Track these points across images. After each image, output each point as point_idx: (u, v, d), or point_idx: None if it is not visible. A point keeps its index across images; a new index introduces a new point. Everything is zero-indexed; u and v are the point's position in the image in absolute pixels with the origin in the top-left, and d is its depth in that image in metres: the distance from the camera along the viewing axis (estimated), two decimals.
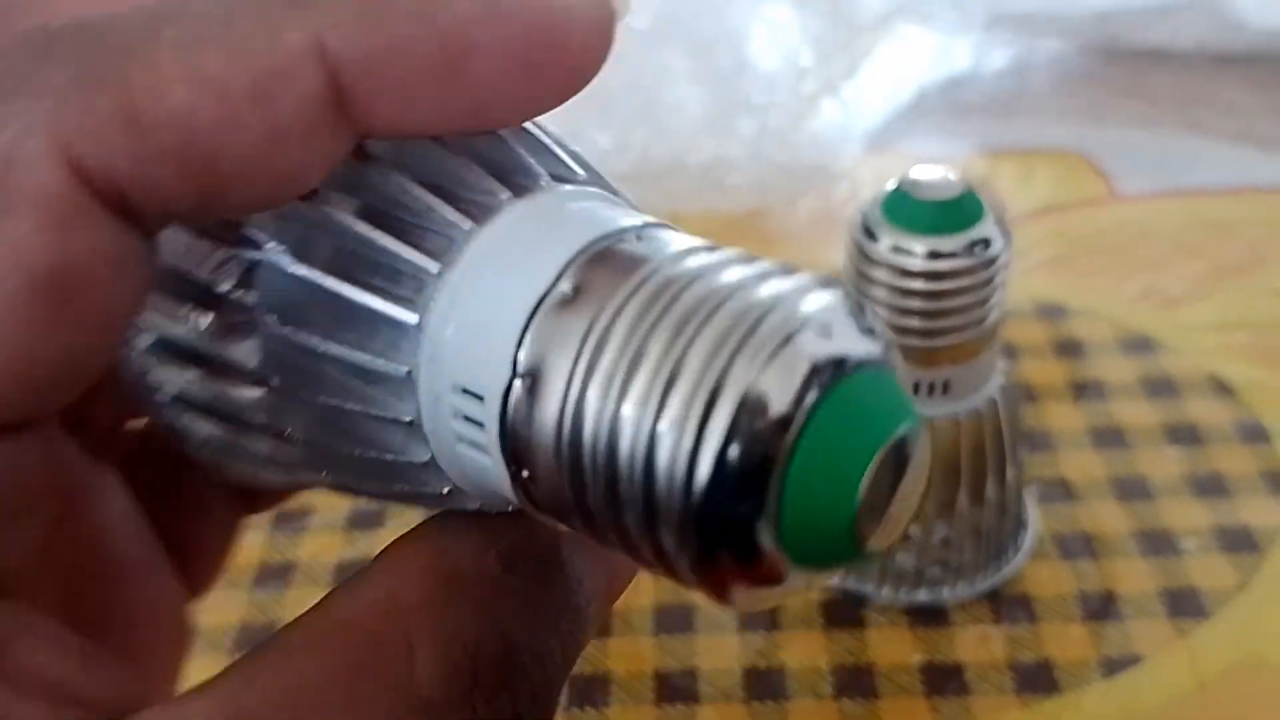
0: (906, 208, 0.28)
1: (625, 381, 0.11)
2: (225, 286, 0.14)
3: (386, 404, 0.13)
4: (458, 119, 0.12)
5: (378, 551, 0.13)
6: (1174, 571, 0.32)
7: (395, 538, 0.14)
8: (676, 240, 0.13)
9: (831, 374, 0.11)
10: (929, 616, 0.31)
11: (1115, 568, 0.32)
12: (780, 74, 0.41)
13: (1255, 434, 0.36)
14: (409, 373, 0.13)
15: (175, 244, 0.14)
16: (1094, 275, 0.43)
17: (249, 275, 0.14)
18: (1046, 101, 0.55)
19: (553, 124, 0.15)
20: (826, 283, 0.12)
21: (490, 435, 0.12)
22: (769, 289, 0.12)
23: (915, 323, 0.28)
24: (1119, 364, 0.39)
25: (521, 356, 0.12)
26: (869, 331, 0.12)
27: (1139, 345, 0.40)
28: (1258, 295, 0.42)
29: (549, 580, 0.14)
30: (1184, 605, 0.31)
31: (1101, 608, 0.31)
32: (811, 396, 0.11)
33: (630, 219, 0.13)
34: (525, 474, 0.12)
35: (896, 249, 0.27)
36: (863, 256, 0.28)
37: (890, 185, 0.29)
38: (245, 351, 0.14)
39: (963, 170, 0.29)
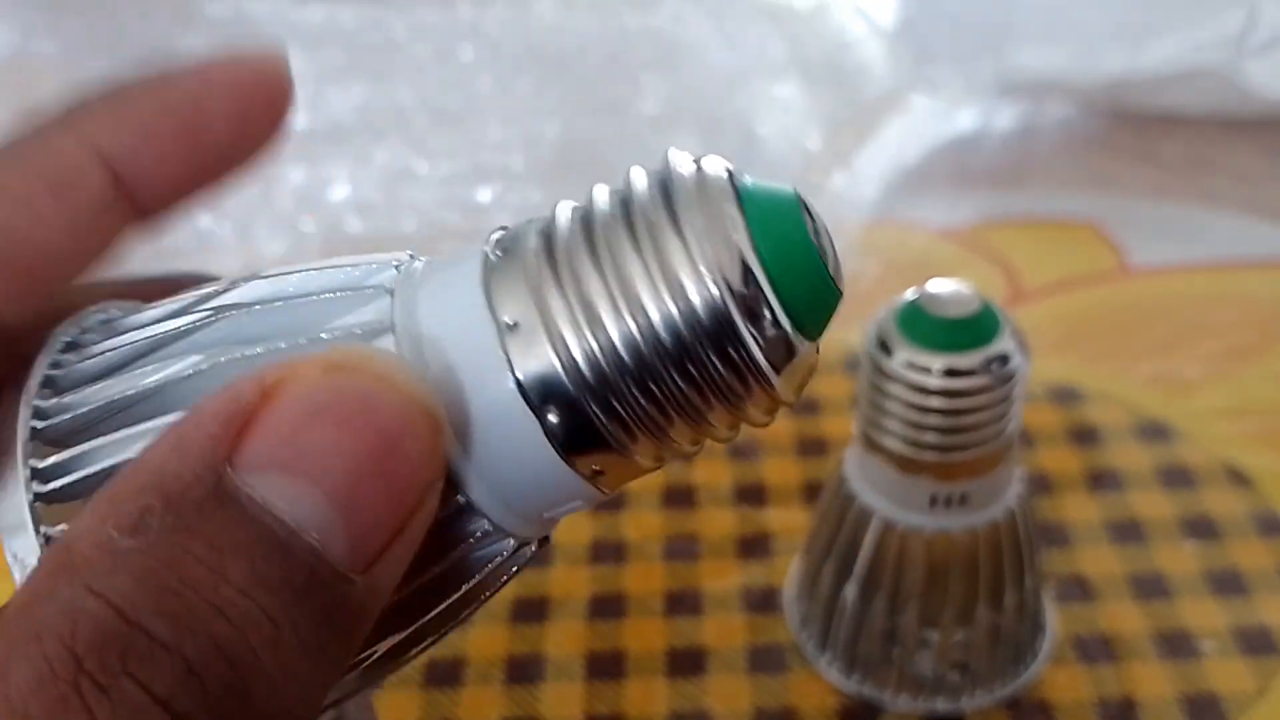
0: (923, 323, 0.27)
1: (615, 275, 0.13)
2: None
3: None
4: (210, 173, 0.16)
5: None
6: (1193, 676, 0.31)
7: None
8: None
9: (736, 187, 0.13)
10: None
11: (1134, 672, 0.32)
12: (789, 154, 0.41)
13: (1273, 526, 0.36)
14: None
15: None
16: (1107, 356, 0.42)
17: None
18: (1055, 168, 0.55)
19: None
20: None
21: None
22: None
23: (932, 438, 0.27)
24: (1135, 452, 0.38)
25: (504, 317, 0.13)
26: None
27: (1154, 432, 0.39)
28: (1269, 378, 0.41)
29: (208, 523, 0.11)
30: (1204, 713, 0.30)
31: (1121, 716, 0.31)
32: (737, 208, 0.13)
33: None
34: (588, 403, 0.13)
35: (913, 365, 0.27)
36: (877, 371, 0.28)
37: (906, 297, 0.28)
38: None
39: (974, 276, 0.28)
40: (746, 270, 0.13)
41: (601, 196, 0.14)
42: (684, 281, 0.12)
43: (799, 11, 0.45)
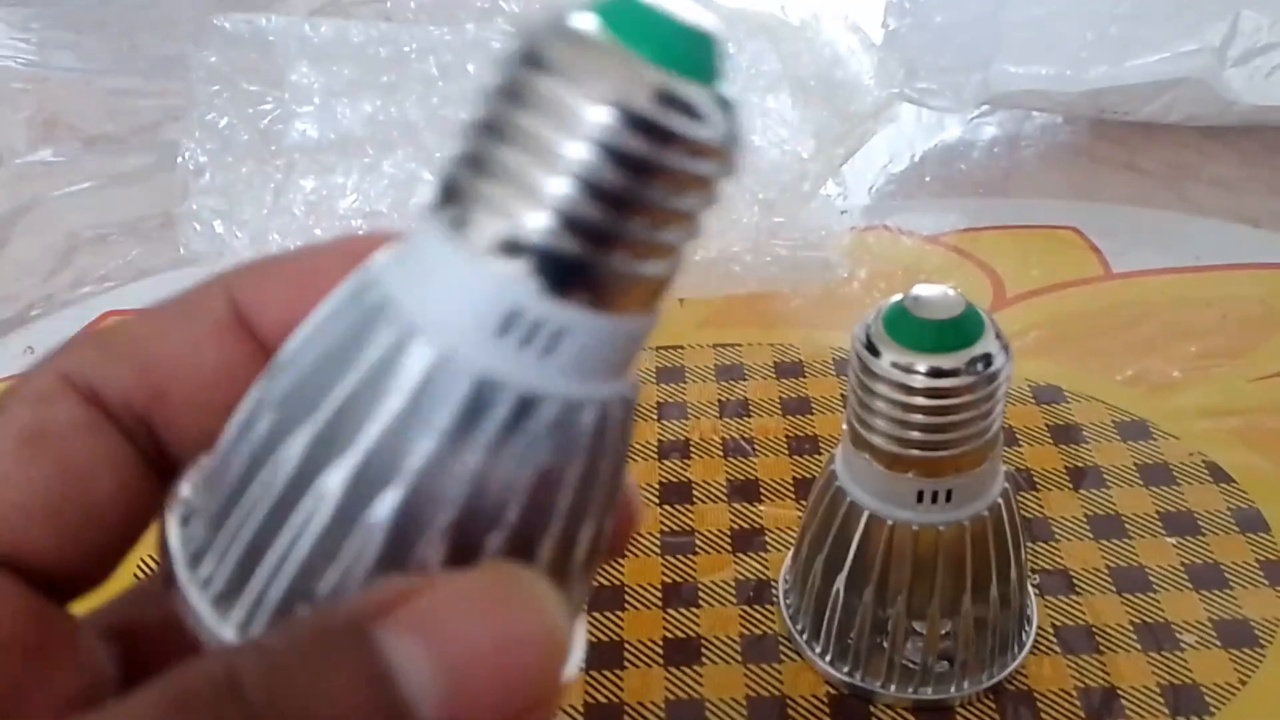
0: (909, 325, 0.28)
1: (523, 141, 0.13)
2: None
3: None
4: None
5: None
6: (1174, 667, 0.33)
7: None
8: None
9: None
10: (934, 714, 0.32)
11: (1116, 662, 0.33)
12: (782, 164, 0.42)
13: (1252, 522, 0.37)
14: None
15: None
16: (1089, 358, 0.44)
17: None
18: (1039, 175, 0.56)
19: None
20: None
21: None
22: None
23: (918, 435, 0.29)
24: (1116, 450, 0.40)
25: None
26: None
27: (1135, 430, 0.40)
28: (1247, 379, 0.42)
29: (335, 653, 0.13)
30: (1185, 703, 0.32)
31: (1103, 705, 0.32)
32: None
33: None
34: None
35: (899, 366, 0.28)
36: (866, 370, 0.29)
37: (892, 300, 0.29)
38: None
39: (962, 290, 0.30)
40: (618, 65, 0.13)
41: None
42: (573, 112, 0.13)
43: (793, 27, 0.46)
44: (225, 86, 0.43)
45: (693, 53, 0.13)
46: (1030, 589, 0.34)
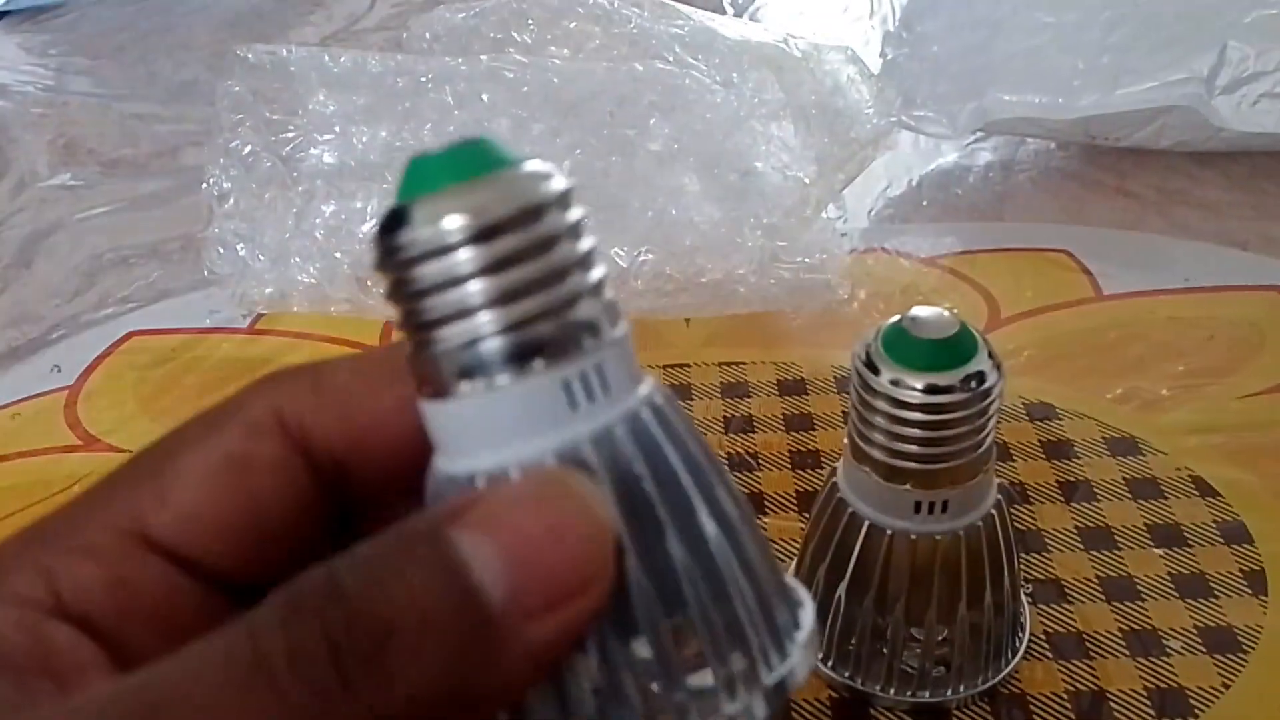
0: (905, 344, 0.30)
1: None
2: None
3: None
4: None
5: None
6: (1161, 672, 0.34)
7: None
8: None
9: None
10: (932, 716, 0.33)
11: (1105, 668, 0.34)
12: (784, 189, 0.44)
13: (1236, 534, 0.38)
14: None
15: None
16: (1081, 376, 0.45)
17: None
18: (1033, 200, 0.58)
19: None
20: None
21: None
22: None
23: (915, 449, 0.30)
24: (1106, 465, 0.41)
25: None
26: None
27: (1125, 446, 0.42)
28: (1234, 397, 0.44)
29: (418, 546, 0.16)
30: (1171, 706, 0.33)
31: (1092, 707, 0.33)
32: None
33: None
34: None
35: (896, 383, 0.30)
36: (865, 386, 0.31)
37: (891, 321, 0.31)
38: None
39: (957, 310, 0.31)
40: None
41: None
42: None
43: (795, 58, 0.48)
44: (248, 115, 0.45)
45: (474, 157, 0.16)
46: (1024, 597, 0.36)
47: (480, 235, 0.16)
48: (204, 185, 0.45)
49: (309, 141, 0.45)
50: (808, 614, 0.18)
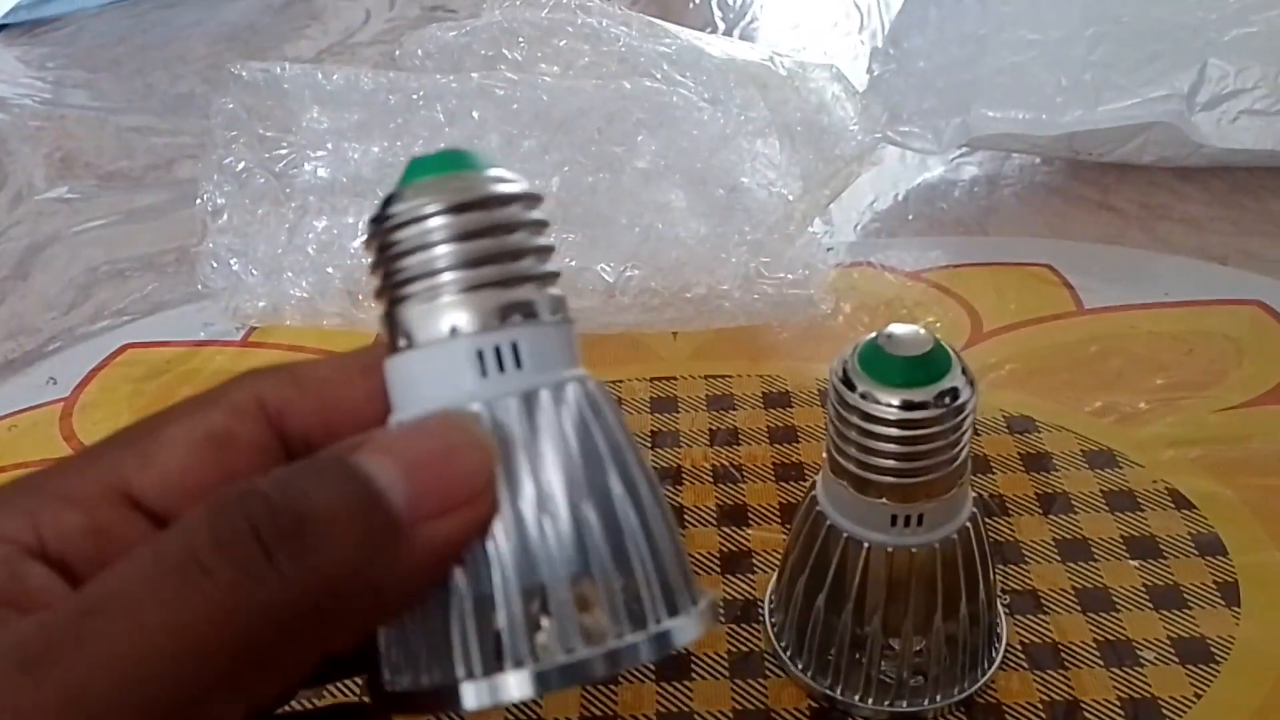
0: (880, 361, 0.31)
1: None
2: None
3: None
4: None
5: None
6: (1135, 682, 0.35)
7: None
8: None
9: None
10: None
11: (1080, 677, 0.35)
12: (769, 205, 0.44)
13: (1211, 546, 0.39)
14: None
15: None
16: (1061, 390, 0.46)
17: None
18: (1017, 215, 0.59)
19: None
20: None
21: None
22: None
23: (891, 464, 0.31)
24: (1084, 477, 0.42)
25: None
26: None
27: (1103, 459, 0.43)
28: (1211, 411, 0.45)
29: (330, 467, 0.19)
30: (1144, 716, 0.34)
31: (1067, 717, 0.34)
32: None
33: None
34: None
35: (872, 399, 0.31)
36: (842, 402, 0.31)
37: (866, 338, 0.32)
38: None
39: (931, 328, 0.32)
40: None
41: None
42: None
43: (781, 76, 0.49)
44: (242, 132, 0.46)
45: (460, 159, 0.20)
46: (1000, 608, 0.36)
47: (442, 211, 0.19)
48: (198, 201, 0.46)
49: (302, 158, 0.46)
50: (706, 600, 0.20)
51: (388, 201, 0.19)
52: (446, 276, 0.19)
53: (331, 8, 0.87)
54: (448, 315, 0.19)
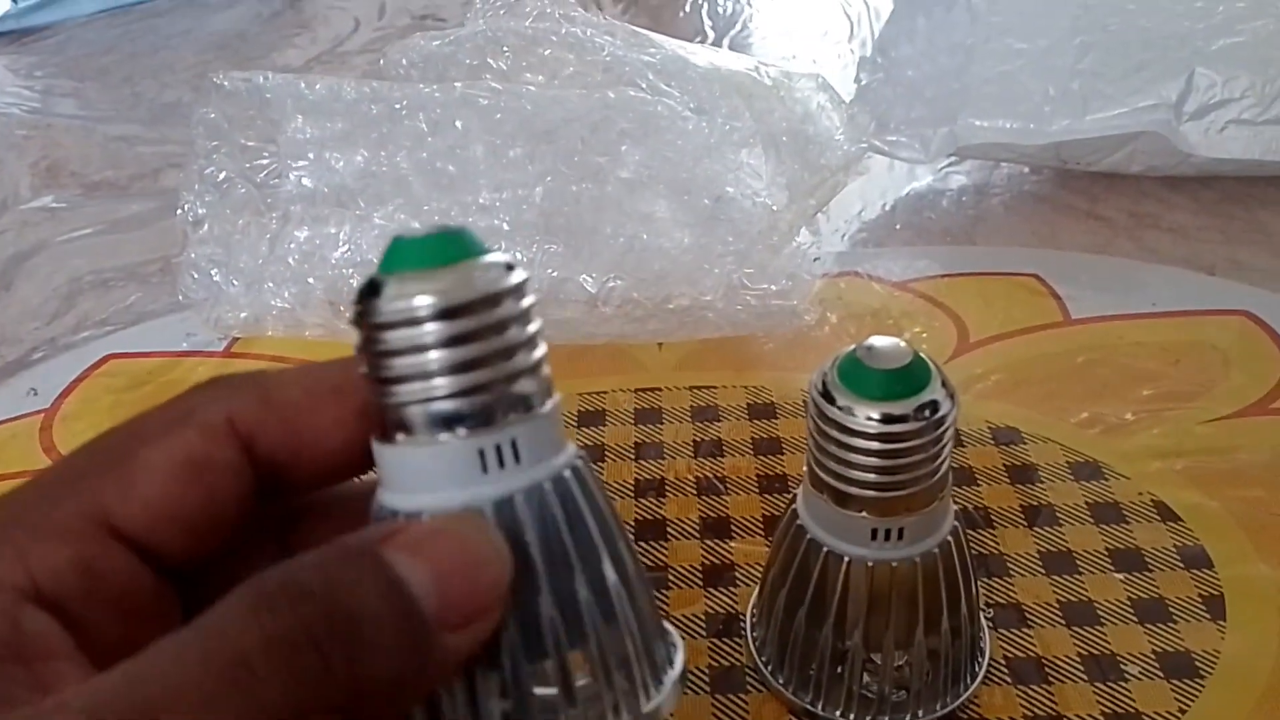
0: (860, 374, 0.30)
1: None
2: None
3: None
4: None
5: None
6: (1119, 696, 0.34)
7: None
8: None
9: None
10: None
11: (1064, 692, 0.35)
12: (754, 216, 0.44)
13: (1196, 559, 0.39)
14: None
15: None
16: (1047, 400, 0.46)
17: None
18: (1004, 224, 0.58)
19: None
20: None
21: None
22: None
23: (872, 477, 0.31)
24: (1069, 489, 0.42)
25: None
26: None
27: (1088, 471, 0.42)
28: (1197, 423, 0.45)
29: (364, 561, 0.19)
30: None
31: None
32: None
33: None
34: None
35: (852, 412, 0.30)
36: (822, 416, 0.31)
37: (846, 351, 0.31)
38: None
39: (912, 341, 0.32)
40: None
41: None
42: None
43: (766, 86, 0.49)
44: (224, 142, 0.46)
45: (446, 245, 0.20)
46: (984, 622, 0.36)
47: (436, 315, 0.19)
48: (179, 211, 0.46)
49: (284, 167, 0.45)
50: (680, 656, 0.22)
51: (372, 289, 0.19)
52: (442, 381, 0.19)
53: (321, 17, 0.87)
54: (446, 416, 0.19)
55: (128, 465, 0.20)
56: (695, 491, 0.42)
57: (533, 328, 0.20)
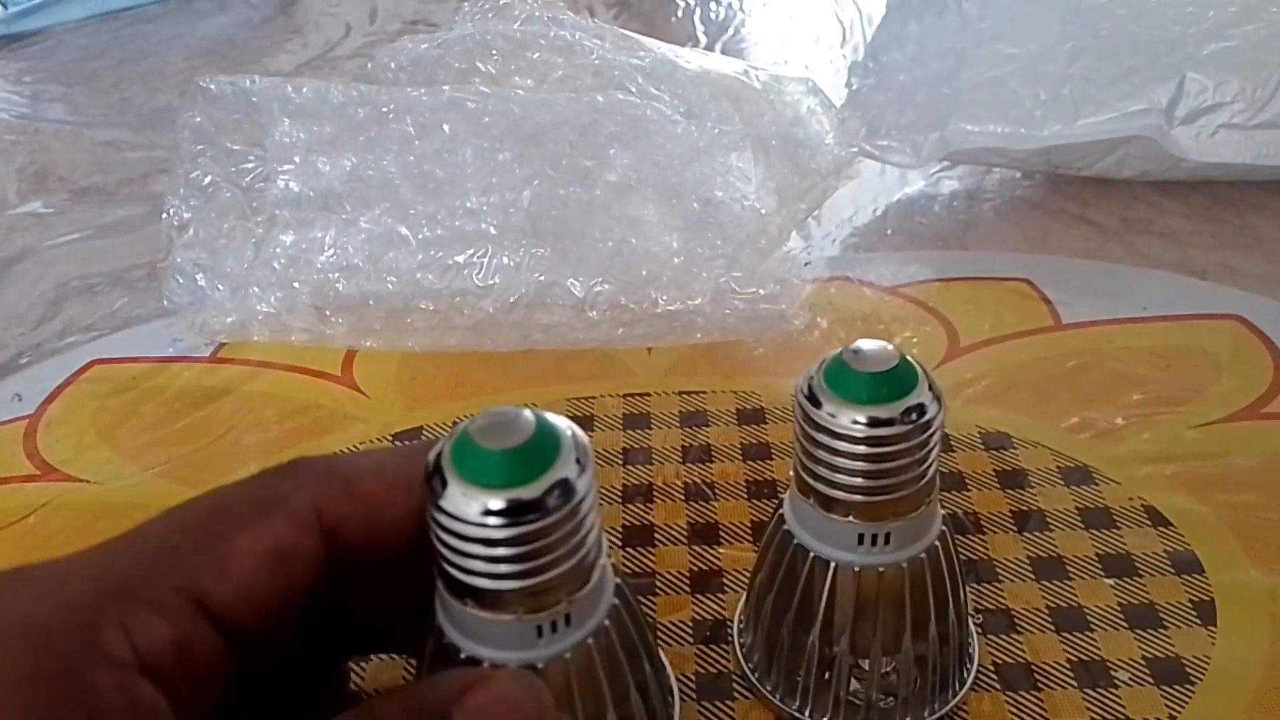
0: (846, 378, 0.30)
1: None
2: None
3: None
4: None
5: None
6: (1108, 703, 0.34)
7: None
8: None
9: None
10: None
11: (1053, 699, 0.34)
12: (743, 220, 0.44)
13: (1187, 564, 0.38)
14: None
15: None
16: (1037, 405, 0.46)
17: None
18: (995, 229, 0.58)
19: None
20: None
21: None
22: None
23: (858, 481, 0.30)
24: (1060, 494, 0.41)
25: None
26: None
27: (1079, 475, 0.42)
28: (1188, 427, 0.44)
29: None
30: None
31: None
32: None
33: None
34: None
35: (838, 416, 0.30)
36: (808, 420, 0.31)
37: (832, 354, 0.31)
38: None
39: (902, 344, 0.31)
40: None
41: None
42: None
43: (755, 90, 0.49)
44: (210, 145, 0.45)
45: (533, 456, 0.23)
46: (972, 627, 0.36)
47: (505, 521, 0.22)
48: (164, 215, 0.45)
49: (270, 171, 0.45)
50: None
51: (443, 481, 0.22)
52: (506, 569, 0.22)
53: (312, 22, 0.86)
54: (513, 604, 0.23)
55: (222, 549, 0.22)
56: (683, 497, 0.42)
57: (591, 517, 0.23)
